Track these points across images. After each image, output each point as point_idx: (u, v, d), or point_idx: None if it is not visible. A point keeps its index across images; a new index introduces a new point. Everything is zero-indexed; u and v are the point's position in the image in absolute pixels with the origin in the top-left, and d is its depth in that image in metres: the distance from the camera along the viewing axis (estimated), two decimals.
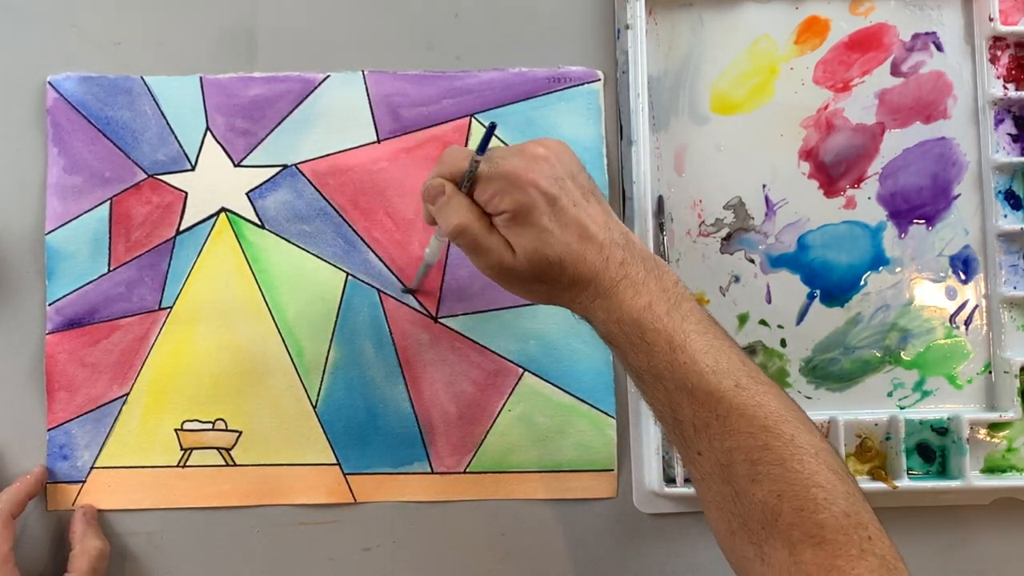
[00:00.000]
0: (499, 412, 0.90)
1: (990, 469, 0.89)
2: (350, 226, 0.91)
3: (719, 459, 0.69)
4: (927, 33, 0.92)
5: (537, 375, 0.91)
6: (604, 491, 0.90)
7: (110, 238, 0.90)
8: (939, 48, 0.92)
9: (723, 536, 0.71)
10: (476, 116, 0.92)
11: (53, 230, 0.90)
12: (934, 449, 0.90)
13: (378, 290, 0.90)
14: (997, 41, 0.92)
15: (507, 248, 0.72)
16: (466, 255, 0.74)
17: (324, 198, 0.91)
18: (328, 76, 0.92)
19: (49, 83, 0.91)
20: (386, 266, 0.91)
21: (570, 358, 0.91)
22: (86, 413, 0.89)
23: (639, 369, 0.71)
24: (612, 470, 0.90)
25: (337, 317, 0.91)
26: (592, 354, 0.91)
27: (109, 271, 0.90)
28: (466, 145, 0.91)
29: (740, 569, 0.70)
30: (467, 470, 0.90)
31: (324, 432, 0.90)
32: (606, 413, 0.90)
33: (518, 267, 0.72)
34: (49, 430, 0.89)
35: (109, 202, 0.90)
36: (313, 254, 0.91)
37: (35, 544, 0.89)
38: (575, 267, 0.71)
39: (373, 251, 0.91)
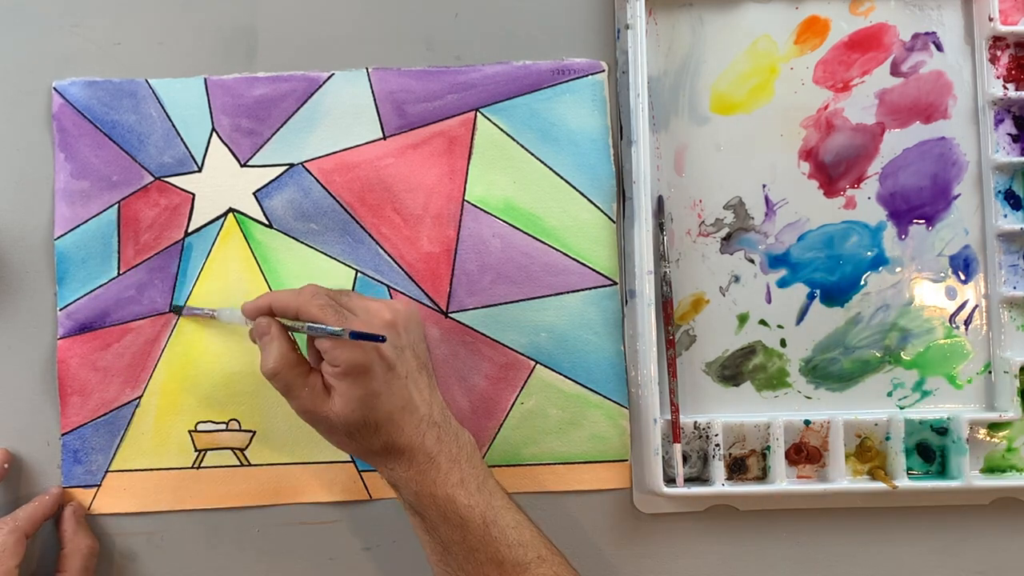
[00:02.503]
0: (512, 405, 0.91)
1: (990, 469, 0.90)
2: (358, 223, 0.91)
3: None
4: (927, 33, 0.92)
5: (549, 367, 0.91)
6: (618, 482, 0.90)
7: (119, 241, 0.90)
8: (939, 48, 0.92)
9: None
10: (481, 111, 0.92)
11: (62, 235, 0.90)
12: (934, 449, 0.90)
13: (388, 286, 0.91)
14: (997, 41, 0.92)
15: (323, 395, 0.75)
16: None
17: (331, 196, 0.91)
18: (332, 74, 0.92)
19: (55, 89, 0.91)
20: (395, 262, 0.91)
21: (582, 349, 0.91)
22: (99, 417, 0.90)
23: (450, 542, 0.75)
24: (626, 460, 0.91)
25: None
26: (603, 345, 0.91)
27: (119, 274, 0.90)
28: (471, 142, 0.92)
29: None
30: None
31: None
32: (619, 403, 0.91)
33: (332, 418, 0.75)
34: (63, 435, 0.89)
35: (117, 206, 0.90)
36: (322, 252, 0.91)
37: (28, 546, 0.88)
38: (390, 435, 0.75)
39: (382, 247, 0.91)
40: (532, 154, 0.92)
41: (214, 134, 0.91)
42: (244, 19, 0.93)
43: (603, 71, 0.92)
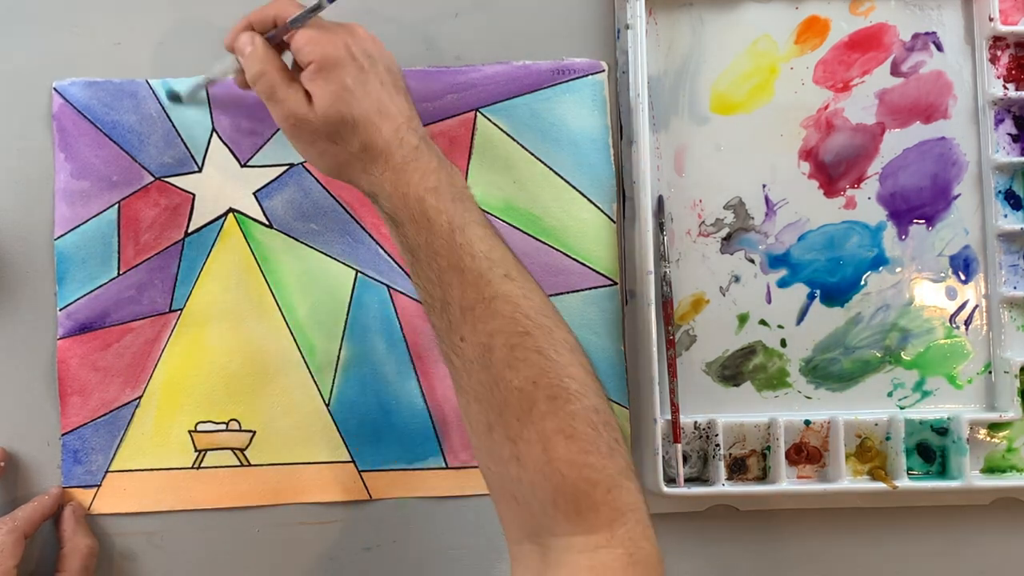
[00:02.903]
0: None
1: (990, 469, 0.90)
2: (358, 223, 0.92)
3: (481, 342, 0.70)
4: (927, 33, 0.92)
5: None
6: None
7: (119, 242, 0.90)
8: (939, 48, 0.92)
9: (481, 436, 0.71)
10: (481, 111, 0.92)
11: (62, 235, 0.90)
12: (934, 449, 0.90)
13: (388, 286, 0.91)
14: (997, 41, 0.92)
15: (305, 101, 0.75)
16: (266, 105, 0.77)
17: (331, 196, 0.92)
18: None
19: (55, 89, 0.91)
20: (395, 262, 0.91)
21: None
22: (99, 417, 0.90)
23: (416, 246, 0.73)
24: None
25: (348, 314, 0.91)
26: (604, 346, 0.91)
27: (119, 275, 0.90)
28: (471, 142, 0.92)
29: (497, 475, 0.71)
30: None
31: (338, 430, 0.91)
32: (619, 404, 0.91)
33: (312, 119, 0.75)
34: (63, 435, 0.89)
35: (117, 206, 0.90)
36: (322, 252, 0.91)
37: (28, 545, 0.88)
38: (368, 134, 0.75)
39: (382, 247, 0.91)
40: (532, 154, 0.92)
41: (214, 134, 0.91)
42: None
43: (603, 71, 0.92)
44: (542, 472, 0.67)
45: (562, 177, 0.91)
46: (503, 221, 0.91)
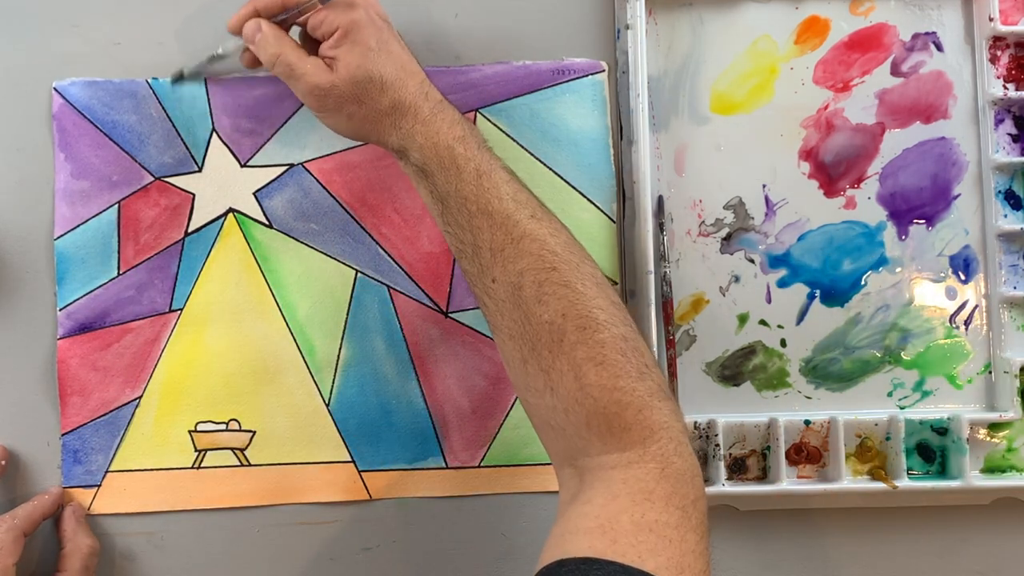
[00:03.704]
0: (512, 405, 0.91)
1: (990, 469, 0.90)
2: (358, 223, 0.91)
3: (511, 281, 0.73)
4: (927, 33, 0.92)
5: None
6: None
7: (119, 241, 0.90)
8: (939, 48, 0.92)
9: (517, 370, 0.74)
10: (481, 111, 0.92)
11: (62, 235, 0.90)
12: (934, 449, 0.90)
13: (388, 286, 0.91)
14: (997, 41, 0.92)
15: (325, 70, 0.78)
16: (286, 83, 0.80)
17: (331, 196, 0.91)
18: None
19: (55, 89, 0.91)
20: (395, 262, 0.91)
21: None
22: (99, 417, 0.90)
23: (447, 194, 0.76)
24: None
25: (348, 314, 0.91)
26: None
27: (119, 275, 0.90)
28: None
29: (534, 407, 0.74)
30: (481, 464, 0.91)
31: (338, 430, 0.91)
32: None
33: (338, 84, 0.77)
34: (63, 435, 0.89)
35: (117, 206, 0.90)
36: (322, 252, 0.91)
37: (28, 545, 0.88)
38: (396, 90, 0.77)
39: (382, 247, 0.91)
40: (532, 154, 0.92)
41: (214, 134, 0.91)
42: None
43: (603, 71, 0.92)
44: (575, 398, 0.70)
45: (562, 177, 0.92)
46: None
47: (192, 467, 0.90)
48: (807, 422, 0.90)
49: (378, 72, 0.77)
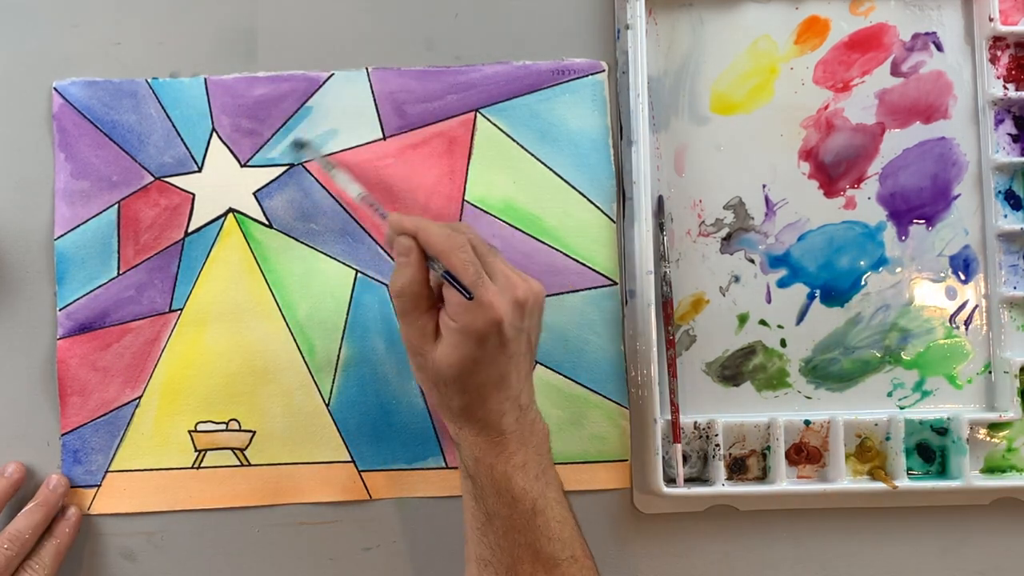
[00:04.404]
0: None
1: (990, 469, 0.90)
2: (358, 223, 0.91)
3: None
4: (927, 33, 0.92)
5: (549, 367, 0.91)
6: (618, 482, 0.91)
7: (119, 242, 0.90)
8: (939, 48, 0.92)
9: None
10: (481, 111, 0.92)
11: (62, 235, 0.90)
12: (934, 449, 0.90)
13: (388, 286, 0.91)
14: (997, 41, 0.92)
15: (431, 336, 0.74)
16: (393, 302, 0.76)
17: (331, 196, 0.91)
18: (332, 74, 0.92)
19: (55, 89, 0.91)
20: (394, 262, 0.90)
21: (582, 350, 0.91)
22: (99, 417, 0.90)
23: (495, 514, 0.75)
24: (626, 460, 0.91)
25: (347, 314, 0.91)
26: (604, 346, 0.91)
27: (119, 275, 0.90)
28: (471, 142, 0.92)
29: None
30: None
31: (338, 430, 0.91)
32: (619, 404, 0.91)
33: (429, 361, 0.74)
34: (63, 435, 0.89)
35: (117, 206, 0.90)
36: (322, 252, 0.91)
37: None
38: (473, 403, 0.74)
39: (381, 247, 0.91)
40: (532, 154, 0.92)
41: (214, 134, 0.91)
42: (244, 19, 0.92)
43: (603, 71, 0.92)
44: None
45: (562, 177, 0.92)
46: (503, 221, 0.91)
47: (192, 467, 0.90)
48: (807, 422, 0.89)
49: (465, 381, 0.73)
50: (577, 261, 0.91)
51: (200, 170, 0.91)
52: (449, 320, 0.72)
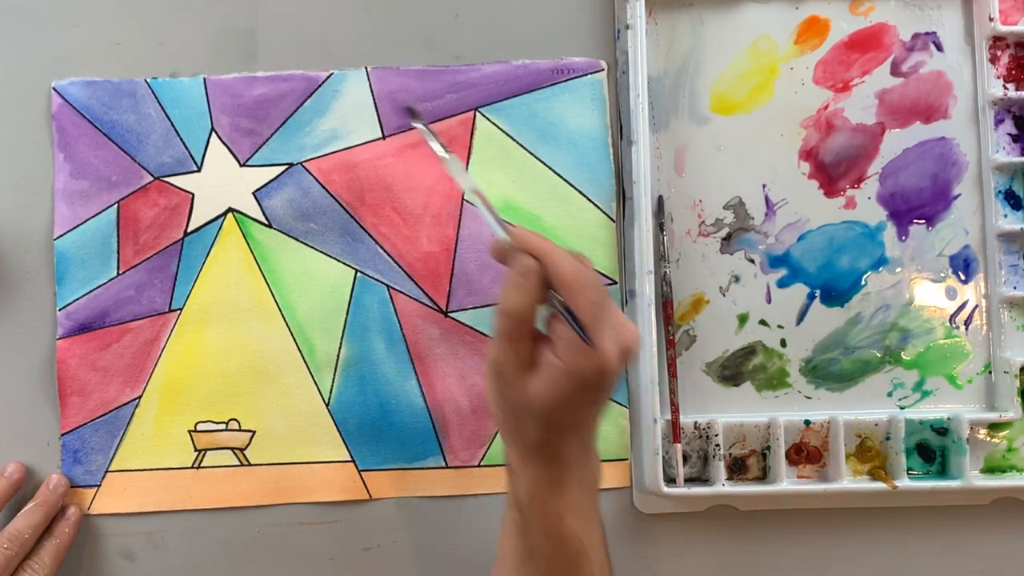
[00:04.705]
0: None
1: (990, 469, 0.90)
2: (357, 223, 0.91)
3: None
4: (927, 33, 0.92)
5: None
6: (618, 481, 0.91)
7: (118, 241, 0.90)
8: (939, 48, 0.92)
9: None
10: (480, 110, 0.92)
11: (61, 235, 0.90)
12: (934, 449, 0.90)
13: (387, 286, 0.91)
14: (997, 41, 0.92)
15: (526, 366, 0.69)
16: (492, 331, 0.71)
17: (331, 195, 0.91)
18: (332, 74, 0.92)
19: (54, 89, 0.91)
20: (395, 261, 0.91)
21: None
22: (99, 417, 0.90)
23: (538, 551, 0.72)
24: (626, 460, 0.91)
25: (347, 314, 0.91)
26: None
27: (118, 275, 0.90)
28: (470, 142, 0.92)
29: None
30: (481, 463, 0.91)
31: (338, 429, 0.91)
32: (618, 403, 0.91)
33: (518, 390, 0.69)
34: (63, 435, 0.89)
35: (116, 206, 0.91)
36: (321, 252, 0.91)
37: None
38: (549, 438, 0.70)
39: (381, 247, 0.91)
40: (531, 153, 0.92)
41: (213, 134, 0.91)
42: (244, 19, 0.93)
43: (602, 70, 0.92)
44: None
45: (561, 176, 0.92)
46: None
47: (192, 467, 0.90)
48: (807, 422, 0.90)
49: (552, 419, 0.69)
50: None
51: (199, 170, 0.91)
52: (555, 357, 0.68)
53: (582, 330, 0.66)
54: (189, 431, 0.90)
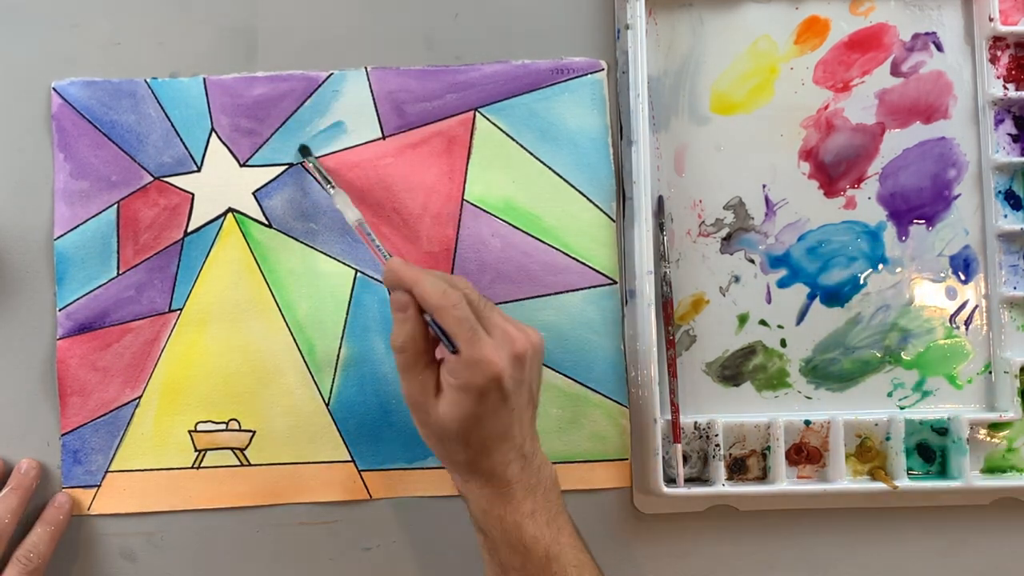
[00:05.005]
0: None
1: (990, 469, 0.90)
2: None
3: None
4: (927, 33, 0.92)
5: (549, 366, 0.91)
6: (618, 480, 0.91)
7: (118, 242, 0.90)
8: (939, 48, 0.92)
9: None
10: (480, 110, 0.92)
11: (62, 235, 0.90)
12: (934, 449, 0.90)
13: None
14: (997, 41, 0.92)
15: (432, 392, 0.74)
16: (396, 361, 0.75)
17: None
18: (331, 74, 0.92)
19: (54, 89, 0.91)
20: None
21: (581, 348, 0.91)
22: (99, 417, 0.90)
23: (509, 567, 0.75)
24: (626, 459, 0.91)
25: (347, 314, 0.91)
26: (603, 344, 0.91)
27: (118, 275, 0.90)
28: (470, 142, 0.92)
29: None
30: None
31: (338, 429, 0.90)
32: (619, 403, 0.91)
33: (431, 417, 0.74)
34: (63, 435, 0.89)
35: (116, 206, 0.90)
36: (321, 252, 0.91)
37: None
38: (478, 456, 0.74)
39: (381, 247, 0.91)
40: (531, 153, 0.92)
41: (213, 134, 0.91)
42: (244, 19, 0.92)
43: (602, 70, 0.92)
44: None
45: (561, 176, 0.92)
46: (502, 220, 0.91)
47: (192, 467, 0.90)
48: (807, 422, 0.90)
49: (468, 436, 0.73)
50: (576, 260, 0.91)
51: (199, 170, 0.91)
52: (449, 377, 0.72)
53: (451, 342, 0.71)
54: (189, 431, 0.90)
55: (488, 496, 0.75)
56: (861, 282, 0.91)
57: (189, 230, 0.91)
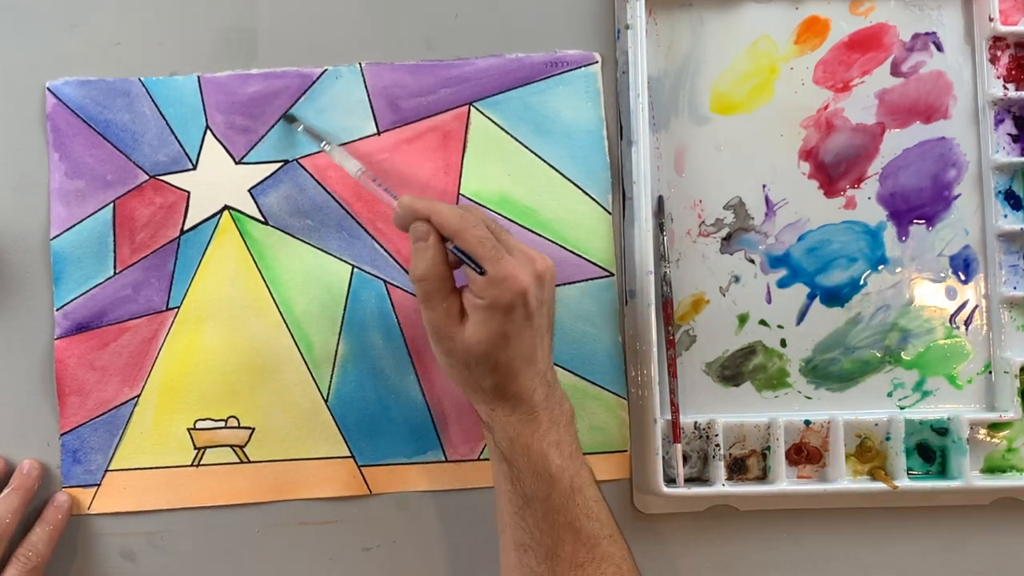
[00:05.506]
0: None
1: (990, 469, 0.90)
2: (354, 218, 0.91)
3: None
4: (927, 33, 0.92)
5: None
6: (618, 472, 0.91)
7: (115, 241, 0.90)
8: (939, 48, 0.92)
9: None
10: (475, 104, 0.92)
11: (58, 235, 0.90)
12: (934, 449, 0.90)
13: (385, 281, 0.91)
14: (997, 41, 0.92)
15: (457, 318, 0.75)
16: (417, 294, 0.76)
17: (327, 191, 0.91)
18: (326, 70, 0.92)
19: (48, 89, 0.90)
20: (391, 257, 0.91)
21: (579, 340, 0.91)
22: (98, 416, 0.89)
23: (533, 497, 0.75)
24: (626, 451, 0.91)
25: (345, 310, 0.91)
26: (601, 336, 0.91)
27: (115, 274, 0.90)
28: (465, 136, 0.92)
29: None
30: (481, 457, 0.91)
31: (337, 425, 0.91)
32: (617, 395, 0.91)
33: (457, 342, 0.74)
34: (62, 435, 0.89)
35: (112, 205, 0.90)
36: (318, 248, 0.91)
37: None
38: (505, 380, 0.75)
39: (378, 242, 0.91)
40: (526, 147, 0.92)
41: (208, 132, 0.91)
42: (243, 19, 0.92)
43: (596, 63, 0.92)
44: None
45: (556, 169, 0.92)
46: (499, 214, 0.91)
47: (191, 465, 0.90)
48: (807, 422, 0.90)
49: (496, 357, 0.73)
50: (573, 253, 0.91)
51: (195, 168, 0.91)
52: (474, 298, 0.73)
53: (477, 264, 0.72)
54: (188, 429, 0.90)
55: (515, 423, 0.75)
56: (861, 282, 0.91)
57: (185, 228, 0.91)
